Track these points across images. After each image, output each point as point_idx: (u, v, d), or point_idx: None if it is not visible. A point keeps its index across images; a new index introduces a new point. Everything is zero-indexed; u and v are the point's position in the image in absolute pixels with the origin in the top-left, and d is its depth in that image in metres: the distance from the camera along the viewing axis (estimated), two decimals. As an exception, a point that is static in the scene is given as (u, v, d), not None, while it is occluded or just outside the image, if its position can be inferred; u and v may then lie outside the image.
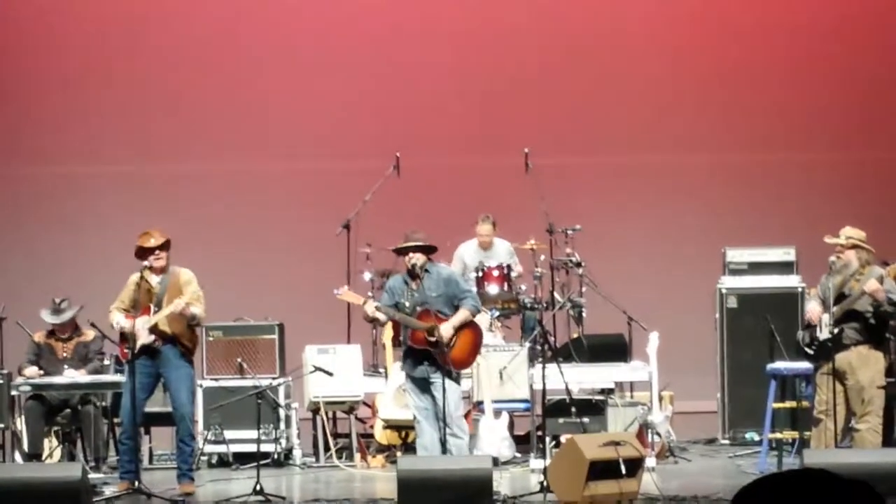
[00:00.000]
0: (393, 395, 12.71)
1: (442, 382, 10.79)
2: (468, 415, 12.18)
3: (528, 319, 13.62)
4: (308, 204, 15.77)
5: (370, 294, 12.58)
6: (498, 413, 12.62)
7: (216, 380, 13.03)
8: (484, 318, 12.43)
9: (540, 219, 12.92)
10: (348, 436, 13.07)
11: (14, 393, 12.36)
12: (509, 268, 13.50)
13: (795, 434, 12.00)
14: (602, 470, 10.05)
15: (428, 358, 11.00)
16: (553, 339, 12.91)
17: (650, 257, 15.76)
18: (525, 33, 16.22)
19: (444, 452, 10.84)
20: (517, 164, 13.58)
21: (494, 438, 12.48)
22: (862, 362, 11.03)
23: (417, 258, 11.08)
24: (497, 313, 13.42)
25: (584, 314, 13.48)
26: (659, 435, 12.45)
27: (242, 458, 12.61)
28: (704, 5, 16.34)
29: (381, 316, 11.22)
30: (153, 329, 11.13)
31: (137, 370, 11.11)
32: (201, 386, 12.74)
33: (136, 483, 11.08)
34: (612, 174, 16.01)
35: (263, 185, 16.15)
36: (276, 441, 12.77)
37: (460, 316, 11.05)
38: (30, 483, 10.20)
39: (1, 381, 12.29)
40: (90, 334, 12.57)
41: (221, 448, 12.80)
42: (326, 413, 12.91)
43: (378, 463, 12.68)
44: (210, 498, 11.14)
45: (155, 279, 11.29)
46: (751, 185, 16.08)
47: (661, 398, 12.56)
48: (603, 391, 12.85)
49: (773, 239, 14.18)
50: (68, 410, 12.51)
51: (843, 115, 16.18)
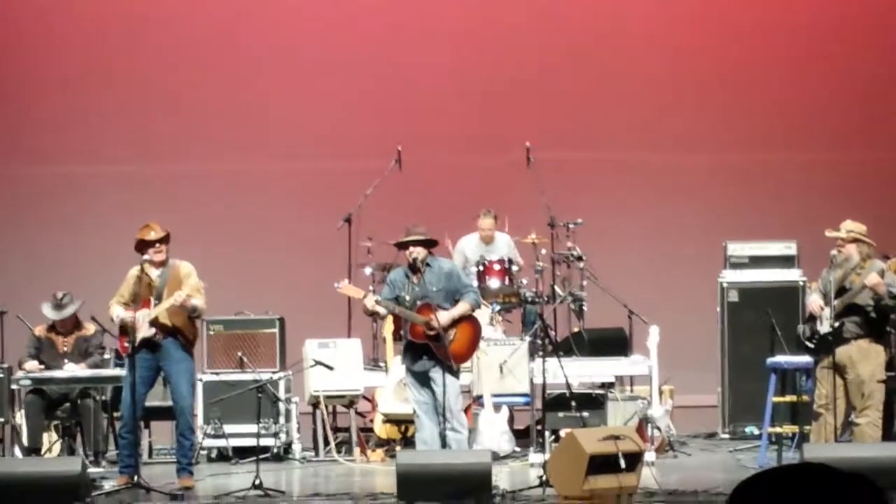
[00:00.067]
0: (393, 390, 12.69)
1: (442, 377, 10.78)
2: (468, 409, 12.17)
3: (529, 313, 13.62)
4: (308, 204, 15.76)
5: (371, 288, 12.57)
6: (498, 407, 12.60)
7: (216, 374, 13.03)
8: (485, 313, 12.42)
9: (541, 213, 12.93)
10: (348, 430, 13.06)
11: (14, 387, 12.36)
12: (510, 261, 13.50)
13: (795, 428, 12.00)
14: (601, 464, 10.04)
15: (428, 352, 10.98)
16: (554, 332, 12.90)
17: (651, 255, 15.75)
18: (525, 33, 16.23)
19: (443, 447, 10.84)
20: (518, 161, 13.61)
21: (494, 433, 12.45)
22: (862, 356, 11.03)
23: (419, 252, 11.07)
24: (498, 307, 13.41)
25: (584, 308, 13.47)
26: (659, 429, 12.43)
27: (242, 453, 12.60)
28: (704, 5, 16.35)
29: (381, 310, 11.19)
30: (154, 322, 11.11)
31: (138, 364, 11.09)
32: (201, 380, 12.72)
33: (136, 477, 11.04)
34: (613, 171, 16.01)
35: (263, 184, 16.15)
36: (275, 435, 12.76)
37: (460, 308, 11.03)
38: (29, 477, 10.22)
39: (1, 375, 12.30)
40: (91, 328, 12.56)
41: (221, 442, 12.79)
42: (326, 407, 12.90)
43: (377, 457, 12.67)
44: (209, 492, 11.13)
45: (155, 272, 11.27)
46: (751, 184, 16.08)
47: (661, 392, 12.54)
48: (603, 385, 12.84)
49: (774, 238, 14.15)
50: (68, 404, 12.48)
51: (843, 115, 16.18)
